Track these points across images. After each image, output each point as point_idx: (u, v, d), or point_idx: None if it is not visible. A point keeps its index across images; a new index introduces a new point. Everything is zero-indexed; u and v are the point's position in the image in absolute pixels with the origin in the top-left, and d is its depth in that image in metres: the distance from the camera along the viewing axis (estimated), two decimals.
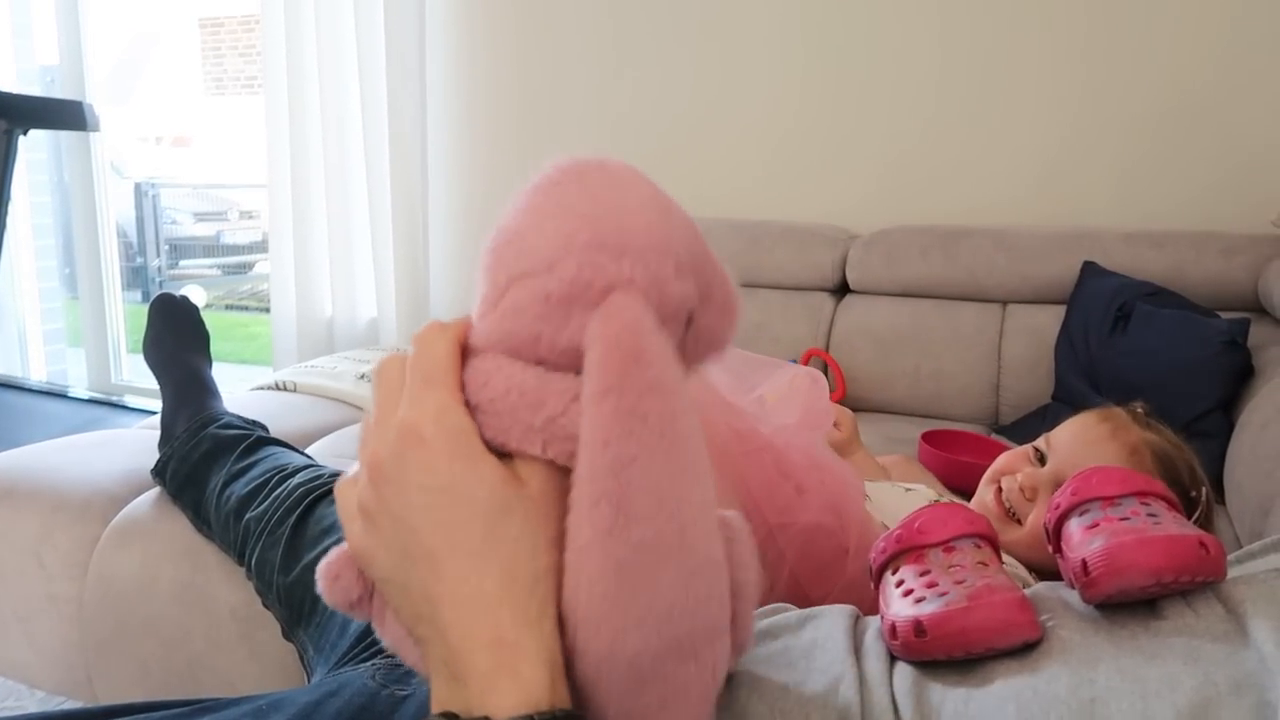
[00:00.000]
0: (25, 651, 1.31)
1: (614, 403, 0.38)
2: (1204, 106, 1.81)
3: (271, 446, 1.16)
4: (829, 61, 2.08)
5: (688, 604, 0.39)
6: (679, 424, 0.39)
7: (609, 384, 0.38)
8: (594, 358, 0.39)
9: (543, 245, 0.41)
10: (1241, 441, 1.31)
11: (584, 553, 0.39)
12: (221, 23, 9.17)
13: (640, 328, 0.39)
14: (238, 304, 6.19)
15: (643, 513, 0.38)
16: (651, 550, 0.38)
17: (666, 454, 0.39)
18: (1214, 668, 0.41)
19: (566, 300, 0.40)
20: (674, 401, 0.39)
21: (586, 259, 0.40)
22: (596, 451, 0.38)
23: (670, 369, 0.40)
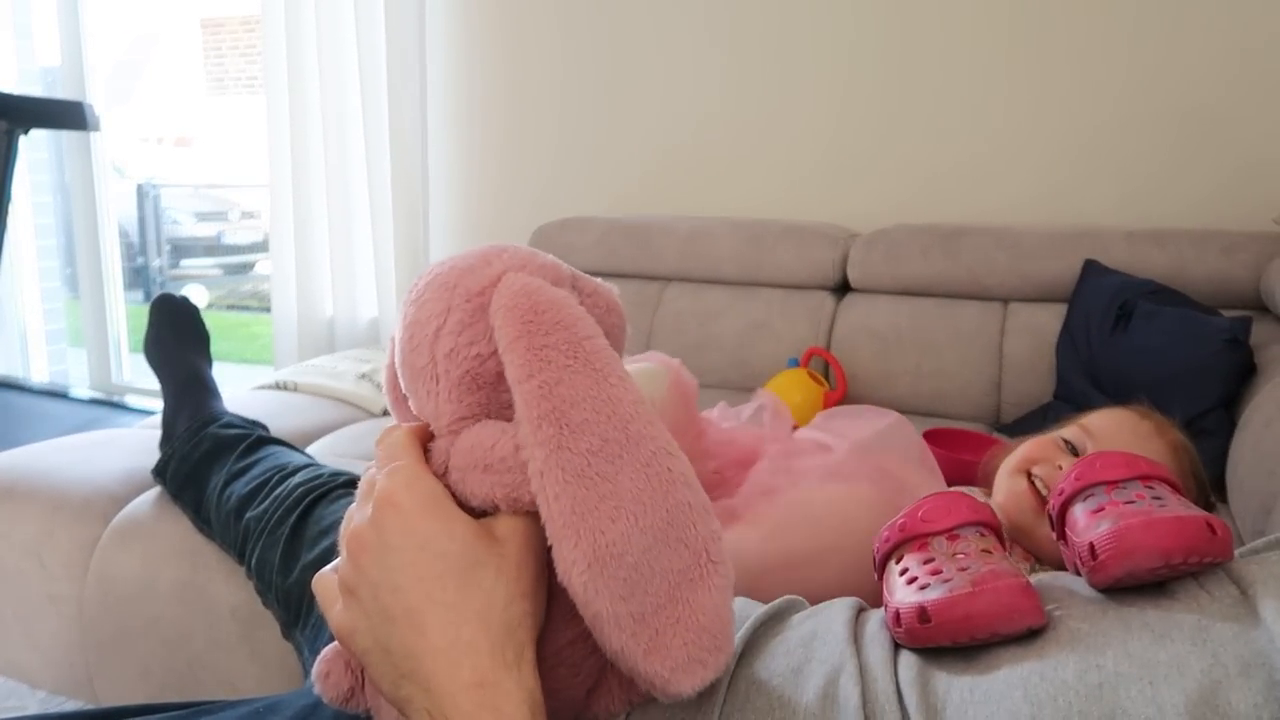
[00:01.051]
0: (26, 651, 1.31)
1: (525, 344, 0.43)
2: (1205, 105, 1.81)
3: (272, 446, 1.16)
4: (830, 61, 2.08)
5: (654, 489, 0.43)
6: (586, 346, 0.44)
7: (516, 332, 0.44)
8: (498, 322, 0.44)
9: (432, 306, 0.47)
10: (1243, 440, 1.30)
11: (544, 473, 0.42)
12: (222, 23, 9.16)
13: (530, 288, 0.45)
14: (239, 304, 6.19)
15: (582, 421, 0.42)
16: (601, 452, 0.42)
17: (584, 370, 0.43)
18: (1223, 648, 0.41)
19: (476, 313, 0.46)
20: (576, 331, 0.44)
21: (468, 281, 0.46)
22: (523, 384, 0.43)
23: (566, 309, 0.45)
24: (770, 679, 0.51)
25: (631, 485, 0.42)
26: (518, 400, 0.43)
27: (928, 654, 0.49)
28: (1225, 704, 0.39)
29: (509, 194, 2.42)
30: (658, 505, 0.43)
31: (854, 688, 0.48)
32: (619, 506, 0.42)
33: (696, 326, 1.98)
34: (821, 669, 0.50)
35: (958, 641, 0.48)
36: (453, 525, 0.45)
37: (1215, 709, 0.39)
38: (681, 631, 0.43)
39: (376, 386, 1.83)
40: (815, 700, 0.48)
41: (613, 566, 0.42)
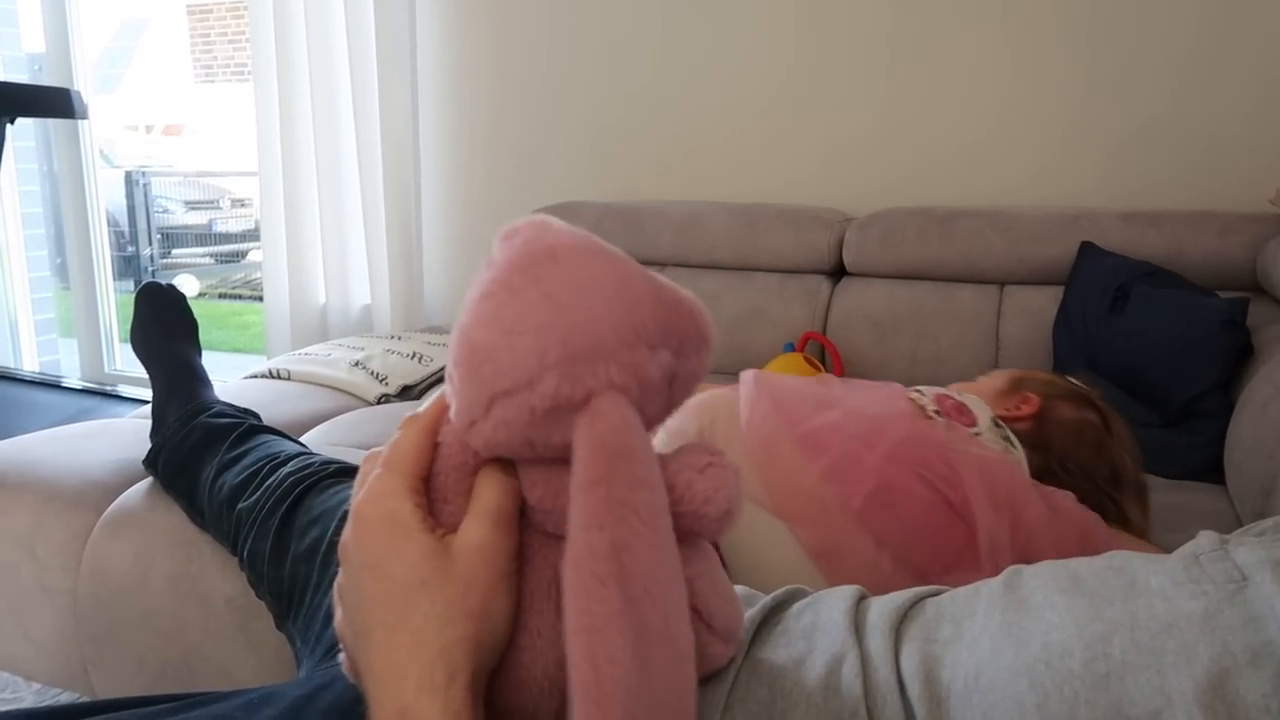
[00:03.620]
0: (20, 644, 1.30)
1: (604, 492, 0.40)
2: (1199, 86, 1.80)
3: (264, 435, 1.15)
4: (825, 44, 2.06)
5: (675, 692, 0.40)
6: (661, 519, 0.42)
7: (599, 475, 0.41)
8: (583, 455, 0.41)
9: (518, 363, 0.43)
10: (1241, 421, 1.30)
11: (599, 632, 0.38)
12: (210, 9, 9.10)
13: (624, 427, 0.42)
14: (231, 292, 6.17)
15: (638, 597, 0.39)
16: (646, 633, 0.39)
17: (653, 543, 0.41)
18: (1232, 636, 0.40)
19: (552, 412, 0.43)
20: (656, 496, 0.42)
21: (564, 373, 0.42)
22: (594, 534, 0.40)
23: (653, 468, 0.43)
24: (772, 670, 0.50)
25: (662, 680, 0.40)
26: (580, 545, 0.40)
27: (933, 641, 0.49)
28: (1234, 693, 0.39)
29: (501, 179, 2.41)
30: (673, 705, 0.40)
31: (855, 678, 0.48)
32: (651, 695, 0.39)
33: None
34: (823, 659, 0.50)
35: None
36: (402, 545, 0.45)
37: (1224, 698, 0.39)
38: None
39: (370, 374, 1.82)
40: (817, 690, 0.48)
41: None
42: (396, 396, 1.79)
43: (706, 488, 0.47)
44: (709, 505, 0.47)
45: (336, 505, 0.90)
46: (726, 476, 0.48)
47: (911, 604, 0.53)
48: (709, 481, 0.47)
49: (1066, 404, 1.13)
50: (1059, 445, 1.08)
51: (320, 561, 0.84)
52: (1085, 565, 0.49)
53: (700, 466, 0.48)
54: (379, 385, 1.79)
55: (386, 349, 1.94)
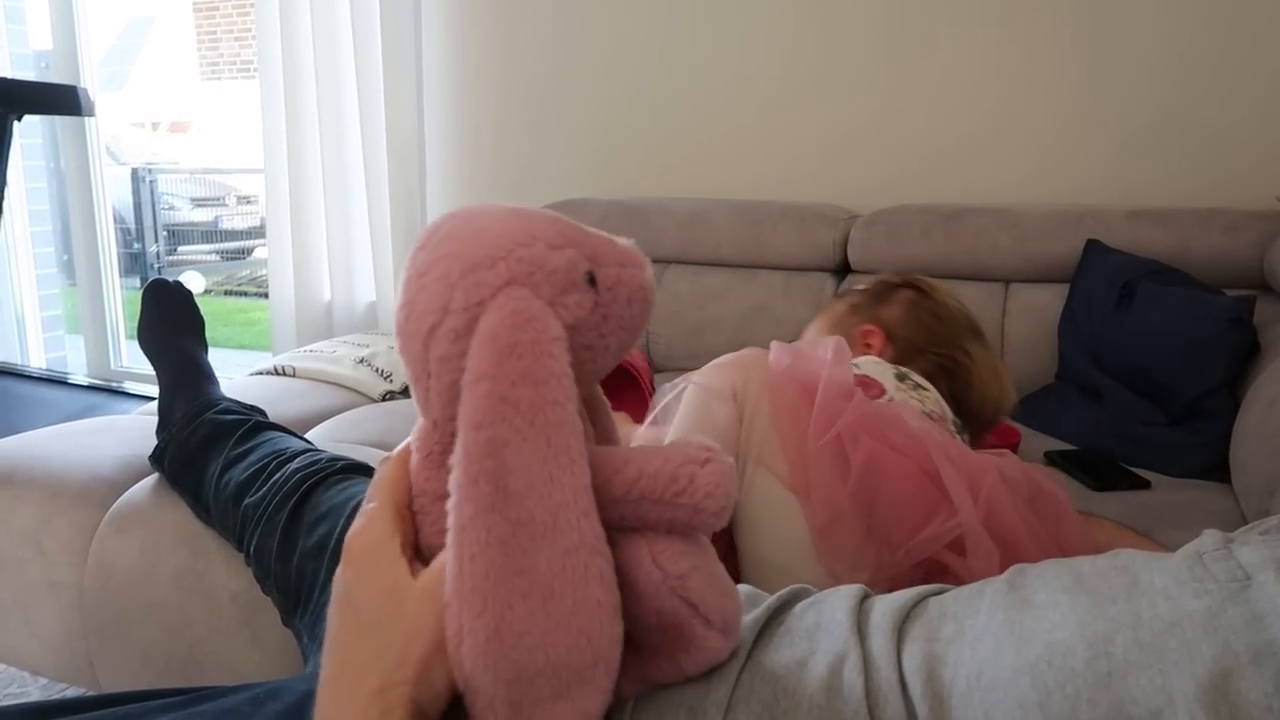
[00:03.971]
0: (26, 638, 1.31)
1: (487, 388, 0.42)
2: (1206, 82, 1.80)
3: (270, 431, 1.15)
4: (829, 41, 2.06)
5: (569, 580, 0.41)
6: (550, 413, 0.42)
7: (483, 371, 0.42)
8: (473, 349, 0.43)
9: (431, 297, 0.45)
10: (1247, 420, 1.30)
11: (466, 529, 0.41)
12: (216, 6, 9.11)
13: (519, 319, 0.43)
14: (236, 289, 6.18)
15: (518, 491, 0.41)
16: (529, 526, 0.41)
17: (537, 439, 0.41)
18: (1234, 636, 0.40)
19: (471, 324, 0.44)
20: (545, 391, 0.42)
21: (468, 284, 0.44)
22: (471, 433, 0.41)
23: (545, 361, 0.43)
24: (775, 670, 0.51)
25: (549, 565, 0.41)
26: (460, 444, 0.42)
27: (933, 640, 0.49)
28: (1236, 693, 0.39)
29: (506, 176, 2.41)
30: (569, 593, 0.41)
31: (857, 677, 0.48)
32: (533, 585, 0.41)
33: (696, 309, 1.97)
34: (825, 659, 0.50)
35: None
36: (372, 580, 0.46)
37: (1226, 697, 0.38)
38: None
39: (375, 371, 1.82)
40: (819, 691, 0.48)
41: (509, 645, 0.41)
42: (401, 393, 1.80)
43: (708, 482, 0.48)
44: (710, 500, 0.48)
45: (344, 501, 0.90)
46: (726, 471, 0.49)
47: (914, 603, 0.53)
48: (711, 476, 0.48)
49: (889, 305, 1.22)
50: (918, 341, 1.16)
51: (328, 558, 0.84)
52: (1088, 564, 0.49)
53: (701, 460, 0.48)
54: (384, 382, 1.79)
55: (391, 346, 1.94)
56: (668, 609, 0.48)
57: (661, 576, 0.48)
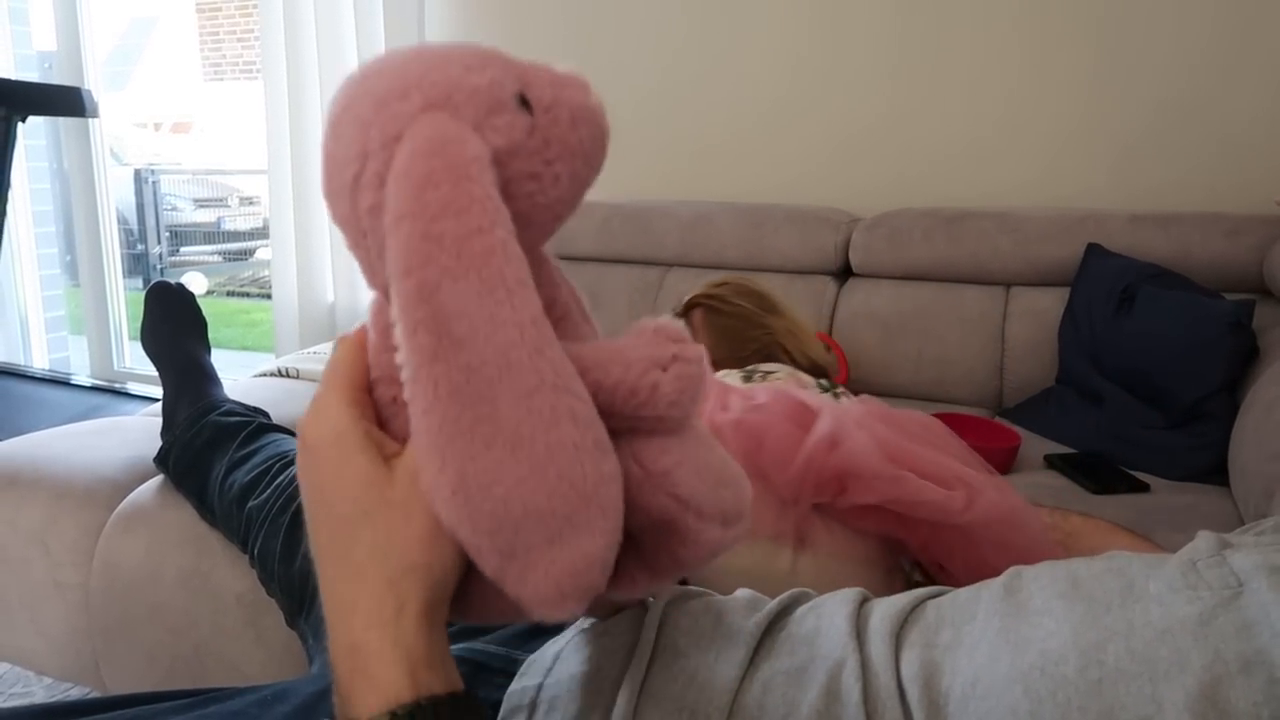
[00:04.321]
0: (32, 638, 1.31)
1: (408, 228, 0.38)
2: (1208, 87, 1.80)
3: (273, 433, 1.16)
4: (833, 44, 2.06)
5: (535, 423, 0.38)
6: (475, 242, 0.38)
7: (402, 210, 0.38)
8: (389, 187, 0.39)
9: (348, 145, 0.41)
10: (1246, 424, 1.30)
11: (414, 384, 0.38)
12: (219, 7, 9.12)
13: (434, 145, 0.39)
14: (239, 290, 6.18)
15: (461, 336, 0.37)
16: (479, 373, 0.37)
17: (468, 275, 0.38)
18: (1224, 644, 0.41)
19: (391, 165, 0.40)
20: (468, 220, 0.38)
21: (383, 119, 0.40)
22: (401, 281, 0.38)
23: (465, 185, 0.38)
24: (775, 677, 0.51)
25: (511, 411, 0.38)
26: (393, 294, 0.38)
27: (931, 646, 0.49)
28: (1225, 701, 0.39)
29: None
30: (538, 440, 0.38)
31: (855, 683, 0.48)
32: (495, 433, 0.37)
33: None
34: (824, 665, 0.50)
35: None
36: (344, 471, 0.42)
37: (1215, 705, 0.39)
38: (554, 573, 0.39)
39: None
40: (818, 697, 0.48)
41: (479, 498, 0.38)
42: None
43: (672, 389, 0.44)
44: (675, 408, 0.44)
45: None
46: (692, 373, 0.44)
47: (913, 607, 0.53)
48: (675, 383, 0.44)
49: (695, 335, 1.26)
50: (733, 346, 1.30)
51: None
52: (1085, 567, 0.49)
53: (665, 361, 0.44)
54: None
55: None
56: (655, 506, 0.45)
57: (643, 475, 0.45)
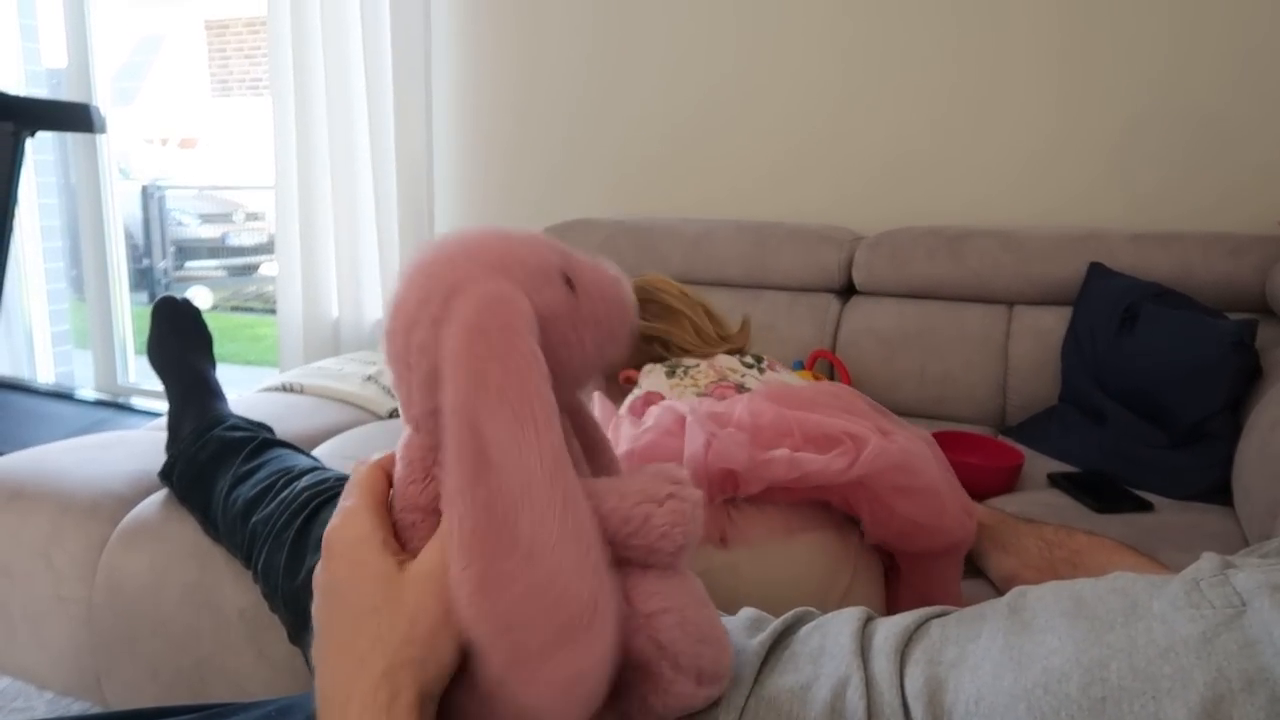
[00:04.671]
0: (34, 652, 1.31)
1: (463, 369, 0.45)
2: (1212, 108, 1.81)
3: (277, 449, 1.16)
4: (835, 63, 2.08)
5: (542, 544, 0.43)
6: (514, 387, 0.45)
7: (456, 353, 0.45)
8: (447, 332, 0.46)
9: (413, 295, 0.49)
10: (1249, 443, 1.30)
11: (455, 495, 0.44)
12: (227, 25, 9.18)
13: (484, 304, 0.46)
14: (244, 305, 6.20)
15: (496, 462, 0.43)
16: (505, 495, 0.43)
17: (504, 412, 0.44)
18: (1227, 662, 0.41)
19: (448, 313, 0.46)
20: (510, 364, 0.45)
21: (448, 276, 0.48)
22: (452, 416, 0.44)
23: (510, 338, 0.46)
24: (780, 696, 0.51)
25: (528, 529, 0.43)
26: (446, 423, 0.45)
27: (935, 664, 0.49)
28: (1228, 719, 0.39)
29: (514, 195, 2.42)
30: (546, 556, 0.43)
31: (860, 700, 0.48)
32: (515, 544, 0.43)
33: None
34: (829, 683, 0.50)
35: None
36: (361, 570, 0.47)
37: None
38: (558, 682, 0.43)
39: (382, 389, 1.83)
40: (823, 714, 0.48)
41: (495, 597, 0.42)
42: None
43: (664, 523, 0.48)
44: (665, 540, 0.48)
45: None
46: (685, 509, 0.49)
47: (917, 625, 0.54)
48: (667, 516, 0.48)
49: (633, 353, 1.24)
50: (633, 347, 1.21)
51: None
52: (1089, 587, 0.50)
53: (660, 498, 0.49)
54: (391, 399, 1.80)
55: None
56: (635, 647, 0.48)
57: (630, 613, 0.48)
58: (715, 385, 1.15)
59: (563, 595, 0.43)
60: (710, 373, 1.17)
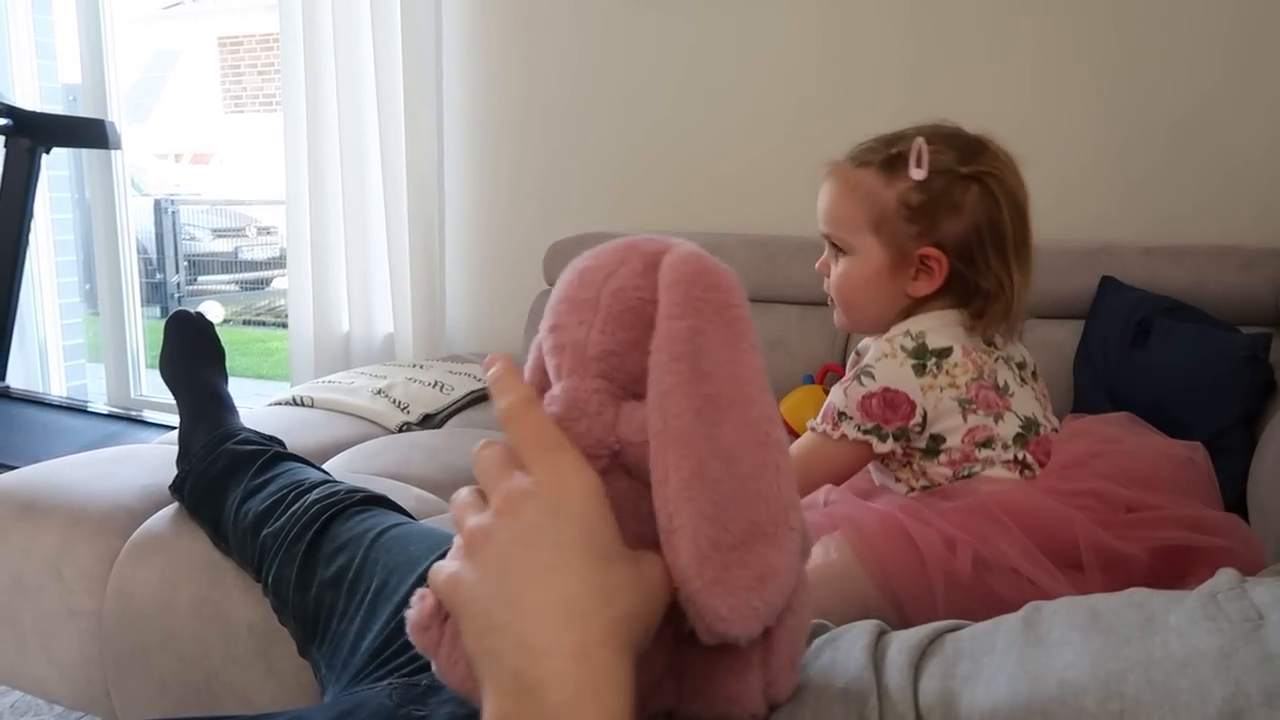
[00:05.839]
0: (44, 666, 1.31)
1: (683, 290, 0.48)
2: (1223, 118, 1.80)
3: (288, 462, 1.17)
4: (845, 75, 2.08)
5: (750, 444, 0.47)
6: (732, 312, 0.49)
7: (679, 278, 0.48)
8: (665, 271, 0.49)
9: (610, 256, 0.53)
10: (1264, 458, 1.29)
11: (668, 395, 0.47)
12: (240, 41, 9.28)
13: (698, 254, 0.50)
14: (255, 319, 6.24)
15: (709, 369, 0.47)
16: (716, 400, 0.47)
17: (724, 328, 0.48)
18: (1246, 676, 0.40)
19: (649, 268, 0.51)
20: (728, 296, 0.49)
21: (644, 245, 0.52)
22: (673, 321, 0.48)
23: (724, 277, 0.50)
24: (792, 710, 0.51)
25: (731, 434, 0.47)
26: (660, 332, 0.48)
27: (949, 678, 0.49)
28: None
29: (524, 209, 2.43)
30: (748, 458, 0.47)
31: (874, 715, 0.48)
32: (718, 448, 0.46)
33: None
34: (842, 697, 0.50)
35: None
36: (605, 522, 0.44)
37: None
38: (747, 577, 0.45)
39: (393, 402, 1.83)
40: None
41: (707, 487, 0.45)
42: (418, 425, 1.81)
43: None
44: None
45: (363, 533, 0.91)
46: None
47: (931, 639, 0.53)
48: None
49: (955, 214, 1.01)
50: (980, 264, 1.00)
51: (346, 588, 0.85)
52: (1104, 602, 0.49)
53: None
54: (401, 414, 1.80)
55: (409, 377, 1.95)
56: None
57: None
58: (976, 385, 0.97)
59: (756, 499, 0.46)
60: (969, 366, 0.97)
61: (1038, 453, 0.97)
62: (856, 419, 0.97)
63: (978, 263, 0.99)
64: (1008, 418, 0.97)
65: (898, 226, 1.01)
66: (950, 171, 1.00)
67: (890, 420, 0.96)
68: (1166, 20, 1.81)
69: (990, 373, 0.98)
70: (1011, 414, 0.97)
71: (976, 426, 0.96)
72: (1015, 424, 0.97)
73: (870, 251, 1.04)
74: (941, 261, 1.00)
